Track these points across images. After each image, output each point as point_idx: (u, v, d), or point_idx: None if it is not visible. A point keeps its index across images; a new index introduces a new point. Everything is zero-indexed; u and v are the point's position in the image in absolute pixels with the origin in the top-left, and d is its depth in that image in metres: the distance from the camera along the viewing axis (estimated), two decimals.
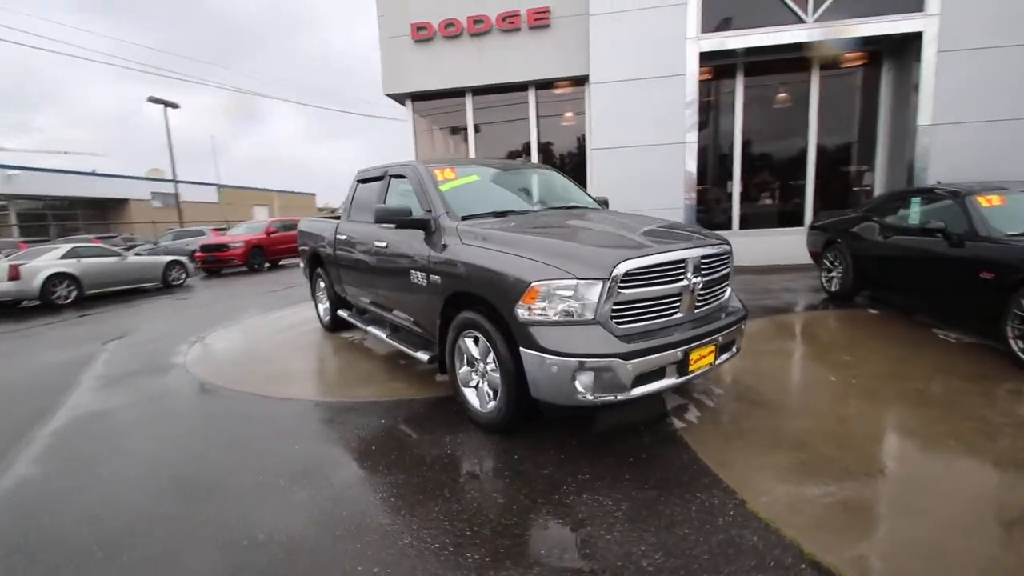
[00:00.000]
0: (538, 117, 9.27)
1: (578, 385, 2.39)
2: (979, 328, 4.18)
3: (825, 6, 7.46)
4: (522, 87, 9.17)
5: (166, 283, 11.25)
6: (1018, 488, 2.21)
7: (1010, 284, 3.54)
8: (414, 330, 3.76)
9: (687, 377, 2.64)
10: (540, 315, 2.47)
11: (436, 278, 3.13)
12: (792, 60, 8.26)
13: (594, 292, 2.41)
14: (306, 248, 5.70)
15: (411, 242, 3.46)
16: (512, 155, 9.66)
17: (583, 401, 2.43)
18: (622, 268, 2.44)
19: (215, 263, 14.09)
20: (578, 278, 2.41)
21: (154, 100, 20.79)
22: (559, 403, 2.50)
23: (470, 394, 3.06)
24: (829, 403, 3.18)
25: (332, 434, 3.06)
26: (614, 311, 2.47)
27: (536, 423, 2.96)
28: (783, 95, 8.70)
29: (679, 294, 2.67)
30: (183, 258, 12.29)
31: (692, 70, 7.84)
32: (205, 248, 14.16)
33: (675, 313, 2.69)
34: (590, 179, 8.66)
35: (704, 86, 8.27)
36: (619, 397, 2.44)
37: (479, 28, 8.71)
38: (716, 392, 3.38)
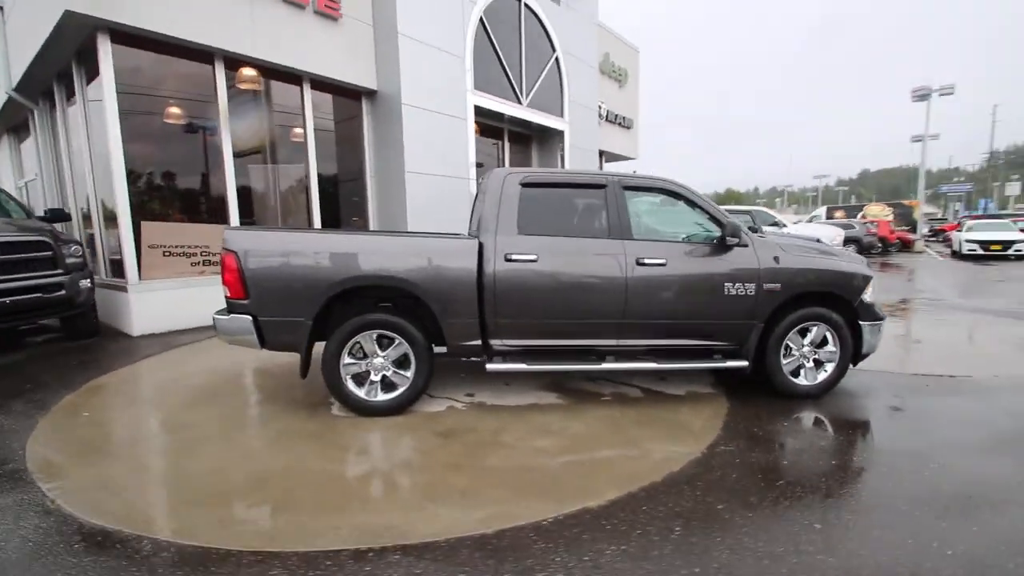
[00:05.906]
0: (315, 124, 7.50)
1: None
2: None
3: (530, 97, 10.43)
4: (295, 78, 7.18)
5: None
6: None
7: None
8: (685, 346, 3.69)
9: None
10: (869, 298, 3.82)
11: (773, 286, 3.60)
12: (494, 127, 10.80)
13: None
14: (311, 282, 3.24)
15: (710, 257, 3.60)
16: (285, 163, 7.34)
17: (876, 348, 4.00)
18: None
19: None
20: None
21: None
22: (872, 353, 3.93)
23: (795, 378, 3.77)
24: None
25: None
26: None
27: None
28: (493, 151, 11.12)
29: None
30: None
31: (471, 115, 8.93)
32: None
33: None
34: (409, 198, 7.92)
35: None
36: None
37: None
38: None
